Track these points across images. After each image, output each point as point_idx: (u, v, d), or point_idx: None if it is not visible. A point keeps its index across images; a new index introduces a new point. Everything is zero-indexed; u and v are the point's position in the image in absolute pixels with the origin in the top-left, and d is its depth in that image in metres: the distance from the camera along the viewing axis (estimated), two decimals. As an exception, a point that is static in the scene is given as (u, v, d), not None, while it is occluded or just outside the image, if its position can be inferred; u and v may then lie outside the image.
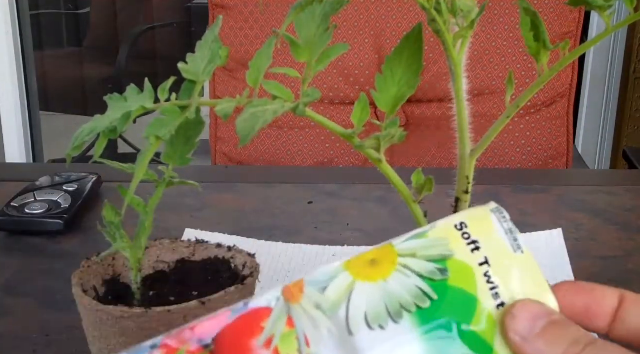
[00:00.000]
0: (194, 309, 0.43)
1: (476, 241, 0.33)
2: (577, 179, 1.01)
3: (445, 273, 0.32)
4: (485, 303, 0.31)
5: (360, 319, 0.31)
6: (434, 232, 0.33)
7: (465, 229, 0.33)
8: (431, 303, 0.31)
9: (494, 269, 0.32)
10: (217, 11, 1.28)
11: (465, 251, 0.32)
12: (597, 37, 0.39)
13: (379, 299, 0.31)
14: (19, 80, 2.10)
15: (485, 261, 0.32)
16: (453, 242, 0.33)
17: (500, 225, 0.34)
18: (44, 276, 0.68)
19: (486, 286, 0.32)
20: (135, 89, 0.41)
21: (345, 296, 0.31)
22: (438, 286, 0.31)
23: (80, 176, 0.87)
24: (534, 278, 0.33)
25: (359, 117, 0.42)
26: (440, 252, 0.32)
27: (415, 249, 0.32)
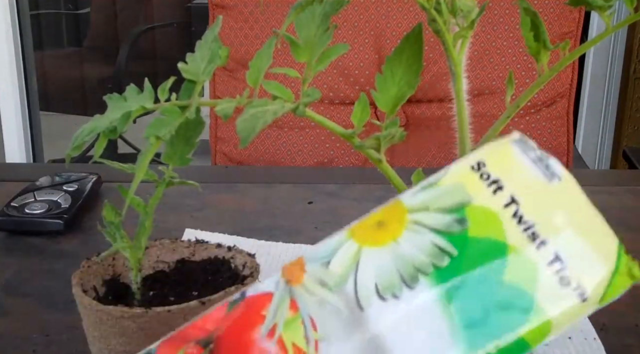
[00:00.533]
0: (194, 309, 0.43)
1: (497, 180, 0.28)
2: (577, 179, 1.00)
3: (464, 223, 0.27)
4: (519, 247, 0.27)
5: (370, 290, 0.27)
6: (446, 179, 0.29)
7: (483, 169, 0.28)
8: (451, 259, 0.27)
9: (526, 207, 0.27)
10: (217, 11, 1.28)
11: (485, 194, 0.28)
12: (597, 37, 0.39)
13: (390, 265, 0.27)
14: (19, 80, 2.10)
15: (511, 200, 0.27)
16: (470, 186, 0.28)
17: (525, 155, 0.28)
18: (44, 276, 0.68)
19: (517, 229, 0.27)
20: (135, 89, 0.41)
21: (351, 267, 0.28)
22: (457, 239, 0.27)
23: (80, 176, 0.87)
24: (579, 206, 0.28)
25: (359, 117, 0.42)
26: (456, 200, 0.28)
27: (426, 202, 0.28)
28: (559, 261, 0.27)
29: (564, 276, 0.27)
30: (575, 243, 0.27)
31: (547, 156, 0.29)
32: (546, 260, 0.27)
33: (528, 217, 0.27)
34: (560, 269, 0.27)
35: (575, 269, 0.27)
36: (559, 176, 0.29)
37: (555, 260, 0.27)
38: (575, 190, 0.29)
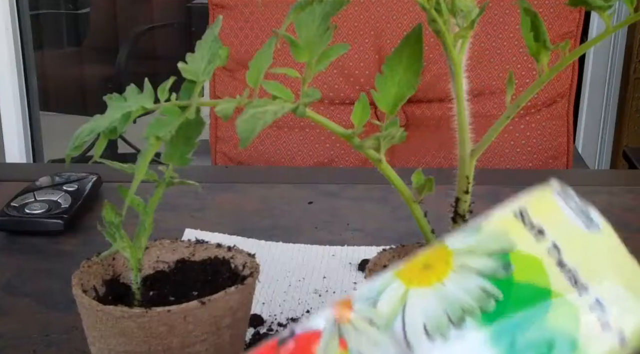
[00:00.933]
0: (194, 309, 0.43)
1: (540, 227, 0.29)
2: (577, 179, 1.01)
3: (509, 268, 0.28)
4: (562, 293, 0.28)
5: (418, 330, 0.28)
6: (490, 225, 0.30)
7: (525, 216, 0.29)
8: (497, 303, 0.28)
9: (567, 254, 0.28)
10: (217, 11, 1.28)
11: (529, 241, 0.29)
12: (597, 37, 0.39)
13: (437, 306, 0.28)
14: (19, 80, 2.11)
15: (553, 247, 0.28)
16: (513, 233, 0.29)
17: (566, 204, 0.30)
18: (44, 276, 0.68)
19: (560, 275, 0.28)
20: (135, 89, 0.41)
21: (399, 307, 0.28)
22: (502, 283, 0.28)
23: (80, 176, 0.87)
24: (617, 254, 0.29)
25: (359, 117, 0.42)
26: (500, 246, 0.29)
27: (472, 246, 0.29)
28: (600, 306, 0.28)
29: (605, 321, 0.28)
30: (614, 289, 0.28)
31: (586, 205, 0.31)
32: (588, 305, 0.28)
33: (570, 264, 0.28)
34: (601, 314, 0.28)
35: (615, 315, 0.28)
36: (598, 225, 0.30)
37: (596, 305, 0.28)
38: (614, 238, 0.30)
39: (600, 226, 0.30)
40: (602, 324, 0.28)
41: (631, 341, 0.28)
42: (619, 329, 0.28)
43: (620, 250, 0.30)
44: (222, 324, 0.44)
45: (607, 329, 0.28)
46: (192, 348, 0.44)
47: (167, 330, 0.43)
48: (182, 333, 0.43)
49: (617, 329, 0.28)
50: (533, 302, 0.28)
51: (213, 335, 0.44)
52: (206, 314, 0.43)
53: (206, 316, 0.43)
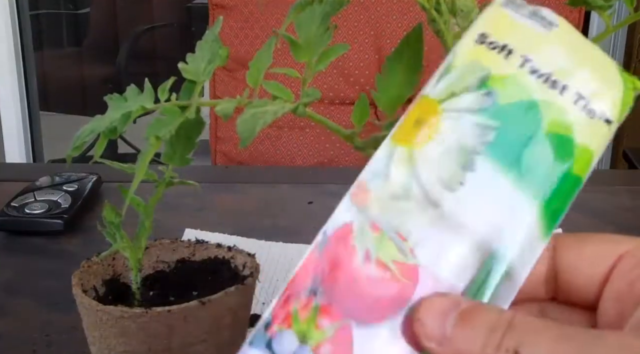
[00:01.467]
0: (194, 309, 0.43)
1: (505, 45, 0.30)
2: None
3: (492, 95, 0.29)
4: (546, 99, 0.29)
5: (437, 187, 0.28)
6: (458, 60, 0.30)
7: (487, 39, 0.30)
8: (495, 132, 0.29)
9: (538, 60, 0.29)
10: (217, 11, 1.28)
11: (500, 61, 0.29)
12: (597, 37, 0.39)
13: (445, 157, 0.29)
14: (19, 80, 2.10)
15: (524, 59, 0.29)
16: (482, 59, 0.30)
17: (517, 13, 0.30)
18: (44, 276, 0.68)
19: (538, 83, 0.29)
20: (135, 89, 0.41)
21: (411, 171, 0.29)
22: (492, 111, 0.29)
23: (80, 176, 0.87)
24: (580, 45, 0.30)
25: (359, 117, 0.42)
26: (476, 77, 0.29)
27: (450, 88, 0.30)
28: (582, 97, 0.29)
29: (590, 109, 0.30)
30: (588, 77, 0.30)
31: (538, 8, 0.31)
32: (572, 101, 0.29)
33: (543, 69, 0.29)
34: (585, 104, 0.29)
35: (595, 100, 0.30)
36: (553, 22, 0.31)
37: (579, 98, 0.29)
38: (572, 31, 0.31)
39: (556, 23, 0.31)
40: (588, 112, 0.29)
41: (614, 117, 0.30)
42: (602, 111, 0.30)
43: (579, 39, 0.31)
44: (222, 324, 0.44)
45: (593, 116, 0.30)
46: (192, 348, 0.44)
47: (167, 330, 0.43)
48: (182, 333, 0.43)
49: (601, 111, 0.30)
50: (526, 117, 0.29)
51: (213, 335, 0.44)
52: (206, 314, 0.43)
53: (206, 316, 0.43)
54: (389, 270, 0.28)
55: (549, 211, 0.29)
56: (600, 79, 0.30)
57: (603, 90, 0.30)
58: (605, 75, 0.31)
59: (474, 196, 0.28)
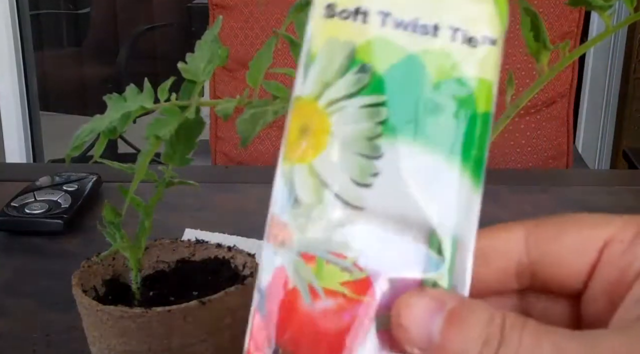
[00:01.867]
0: (194, 309, 0.43)
1: (357, 9, 0.27)
2: (577, 179, 1.01)
3: (366, 68, 0.26)
4: (424, 48, 0.26)
5: (352, 188, 0.26)
6: (315, 43, 0.27)
7: (336, 9, 0.27)
8: (385, 107, 0.26)
9: (398, 12, 0.27)
10: (217, 11, 1.28)
11: (359, 29, 0.26)
12: (597, 37, 0.39)
13: (347, 156, 0.26)
14: (19, 80, 2.11)
15: (383, 16, 0.27)
16: (341, 33, 0.27)
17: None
18: (44, 276, 0.68)
19: (407, 34, 0.26)
20: (135, 89, 0.41)
21: (319, 185, 0.26)
22: (372, 85, 0.26)
23: (80, 176, 0.87)
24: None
25: (359, 117, 0.42)
26: (343, 55, 0.26)
27: (321, 79, 0.27)
28: (457, 30, 0.27)
29: (470, 38, 0.27)
30: (454, 6, 0.27)
31: None
32: (448, 38, 0.27)
33: (407, 18, 0.26)
34: (463, 35, 0.27)
35: (471, 26, 0.27)
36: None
37: (454, 31, 0.27)
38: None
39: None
40: (469, 42, 0.27)
41: (497, 35, 0.27)
42: (483, 34, 0.27)
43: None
44: (222, 324, 0.44)
45: (476, 44, 0.27)
46: (192, 348, 0.44)
47: (167, 330, 0.43)
48: (182, 333, 0.43)
49: (481, 36, 0.27)
50: (409, 77, 0.26)
51: (213, 335, 0.44)
52: (206, 314, 0.43)
53: (206, 316, 0.43)
54: (341, 295, 0.26)
55: (471, 160, 0.26)
56: (465, 2, 0.27)
57: (474, 12, 0.27)
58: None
59: (393, 182, 0.26)
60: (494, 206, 0.86)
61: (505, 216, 0.83)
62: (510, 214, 0.84)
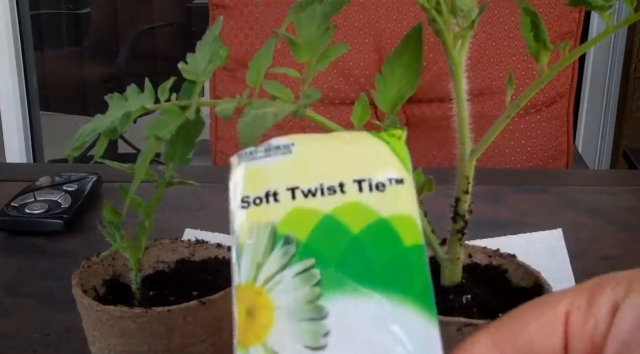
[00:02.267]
0: (194, 309, 0.43)
1: (267, 192, 0.30)
2: (577, 179, 1.01)
3: (290, 239, 0.28)
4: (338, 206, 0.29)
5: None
6: (242, 235, 0.30)
7: (249, 198, 0.30)
8: (317, 268, 0.27)
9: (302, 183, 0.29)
10: (217, 11, 1.28)
11: (274, 208, 0.29)
12: (597, 37, 0.39)
13: (294, 325, 0.27)
14: (19, 80, 2.11)
15: (292, 191, 0.29)
16: (260, 217, 0.29)
17: (256, 160, 0.31)
18: (44, 276, 0.68)
19: (318, 199, 0.29)
20: (135, 89, 0.41)
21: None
22: (300, 253, 0.28)
23: (80, 176, 0.87)
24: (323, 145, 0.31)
25: (359, 117, 0.42)
26: (266, 235, 0.29)
27: (253, 262, 0.29)
28: (363, 181, 0.29)
29: (377, 184, 0.29)
30: (352, 161, 0.30)
31: (267, 142, 0.31)
32: (355, 191, 0.29)
33: (312, 184, 0.29)
34: (369, 184, 0.29)
35: (373, 174, 0.29)
36: (290, 143, 0.31)
37: (359, 183, 0.29)
38: (308, 138, 0.31)
39: (291, 142, 0.31)
40: (377, 188, 0.29)
41: (404, 175, 0.30)
42: (387, 178, 0.29)
43: (320, 138, 0.32)
44: (222, 324, 0.44)
45: (384, 187, 0.29)
46: (192, 348, 0.44)
47: (167, 330, 0.43)
48: (182, 333, 0.43)
49: (387, 180, 0.29)
50: (332, 235, 0.28)
51: (213, 335, 0.44)
52: (206, 314, 0.43)
53: (206, 316, 0.43)
54: None
55: (414, 293, 0.28)
56: (362, 153, 0.30)
57: (372, 161, 0.30)
58: (364, 148, 0.31)
59: (346, 336, 0.27)
60: (494, 206, 0.86)
61: (505, 216, 0.83)
62: (510, 214, 0.84)
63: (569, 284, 0.65)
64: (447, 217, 0.45)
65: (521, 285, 0.47)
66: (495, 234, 0.74)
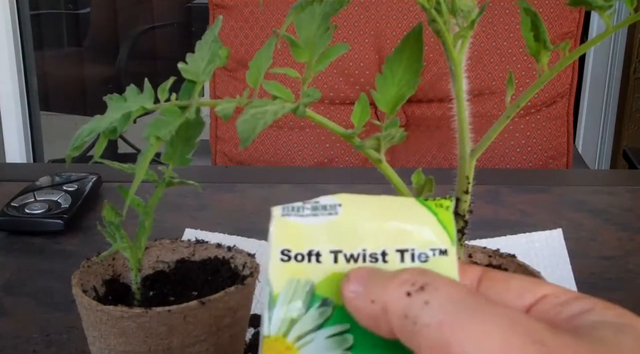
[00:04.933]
0: (194, 309, 0.43)
1: (310, 251, 0.30)
2: (577, 179, 1.01)
3: (328, 302, 0.29)
4: None
5: None
6: (277, 286, 0.30)
7: (291, 253, 0.30)
8: (350, 334, 0.29)
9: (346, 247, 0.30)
10: (217, 11, 1.28)
11: (315, 268, 0.30)
12: (597, 37, 0.39)
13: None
14: (19, 80, 2.10)
15: (334, 254, 0.30)
16: (299, 273, 0.30)
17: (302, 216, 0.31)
18: (44, 276, 0.68)
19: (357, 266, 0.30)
20: (135, 89, 0.41)
21: None
22: (337, 317, 0.29)
23: (80, 176, 0.87)
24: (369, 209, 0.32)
25: (359, 117, 0.42)
26: (304, 293, 0.30)
27: (287, 316, 0.29)
28: (406, 251, 0.30)
29: (420, 254, 0.30)
30: (397, 231, 0.30)
31: (315, 200, 0.32)
32: (398, 260, 0.30)
33: (356, 251, 0.30)
34: (411, 254, 0.30)
35: (419, 242, 0.30)
36: (336, 204, 0.31)
37: (402, 253, 0.30)
38: (355, 199, 0.32)
39: (338, 203, 0.32)
40: (419, 257, 0.30)
41: (446, 245, 0.30)
42: (432, 246, 0.30)
43: (367, 201, 0.32)
44: (222, 324, 0.44)
45: (427, 258, 0.30)
46: (192, 348, 0.44)
47: (167, 330, 0.43)
48: (182, 333, 0.43)
49: (430, 248, 0.30)
50: None
51: (213, 335, 0.44)
52: (206, 314, 0.43)
53: (206, 316, 0.43)
54: None
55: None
56: (408, 222, 0.31)
57: (417, 231, 0.30)
58: (411, 217, 0.31)
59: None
60: (494, 206, 0.86)
61: (505, 216, 0.83)
62: (510, 214, 0.84)
63: (569, 284, 0.65)
64: (447, 217, 0.45)
65: (521, 285, 0.47)
66: (495, 234, 0.74)
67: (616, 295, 0.65)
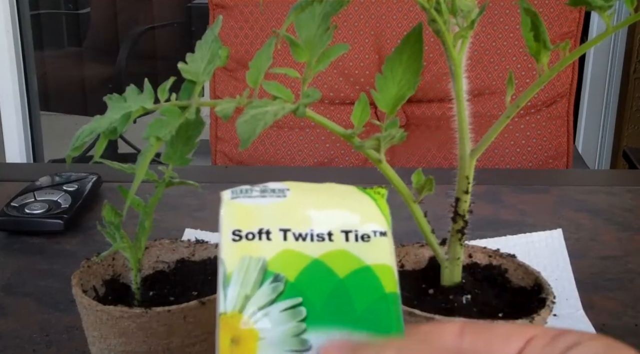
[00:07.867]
0: (194, 309, 0.43)
1: (260, 229, 0.31)
2: (577, 179, 1.01)
3: (280, 277, 0.30)
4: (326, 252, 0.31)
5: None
6: (230, 265, 0.30)
7: (242, 232, 0.31)
8: (304, 306, 0.30)
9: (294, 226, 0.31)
10: (217, 11, 1.28)
11: (266, 246, 0.31)
12: (597, 37, 0.39)
13: (281, 349, 0.29)
14: (19, 80, 2.10)
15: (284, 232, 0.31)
16: (251, 251, 0.31)
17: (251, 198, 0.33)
18: (44, 276, 0.68)
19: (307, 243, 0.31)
20: (135, 90, 0.41)
21: None
22: (289, 291, 0.30)
23: (80, 176, 0.87)
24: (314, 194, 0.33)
25: (359, 117, 0.42)
26: (256, 270, 0.30)
27: (240, 293, 0.30)
28: (350, 232, 0.32)
29: (362, 235, 0.32)
30: (341, 213, 0.32)
31: (264, 184, 0.33)
32: (342, 240, 0.32)
33: (303, 230, 0.31)
34: (355, 235, 0.32)
35: (360, 225, 0.32)
36: (285, 188, 0.33)
37: (346, 234, 0.32)
38: (303, 187, 0.33)
39: (286, 188, 0.33)
40: (363, 238, 0.32)
41: (385, 226, 0.32)
42: (373, 229, 0.32)
43: (311, 188, 0.33)
44: (222, 324, 0.44)
45: (369, 238, 0.32)
46: (192, 348, 0.44)
47: (167, 330, 0.43)
48: (182, 333, 0.43)
49: (371, 230, 0.32)
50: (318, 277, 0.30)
51: (213, 335, 0.44)
52: (206, 314, 0.43)
53: (206, 316, 0.43)
54: None
55: (394, 335, 0.30)
56: (350, 207, 0.33)
57: (359, 214, 0.32)
58: (352, 201, 0.33)
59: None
60: (494, 206, 0.86)
61: (506, 216, 0.83)
62: (510, 214, 0.84)
63: (569, 284, 0.65)
64: (447, 217, 0.45)
65: (521, 285, 0.47)
66: (495, 234, 0.74)
67: (616, 295, 0.65)
